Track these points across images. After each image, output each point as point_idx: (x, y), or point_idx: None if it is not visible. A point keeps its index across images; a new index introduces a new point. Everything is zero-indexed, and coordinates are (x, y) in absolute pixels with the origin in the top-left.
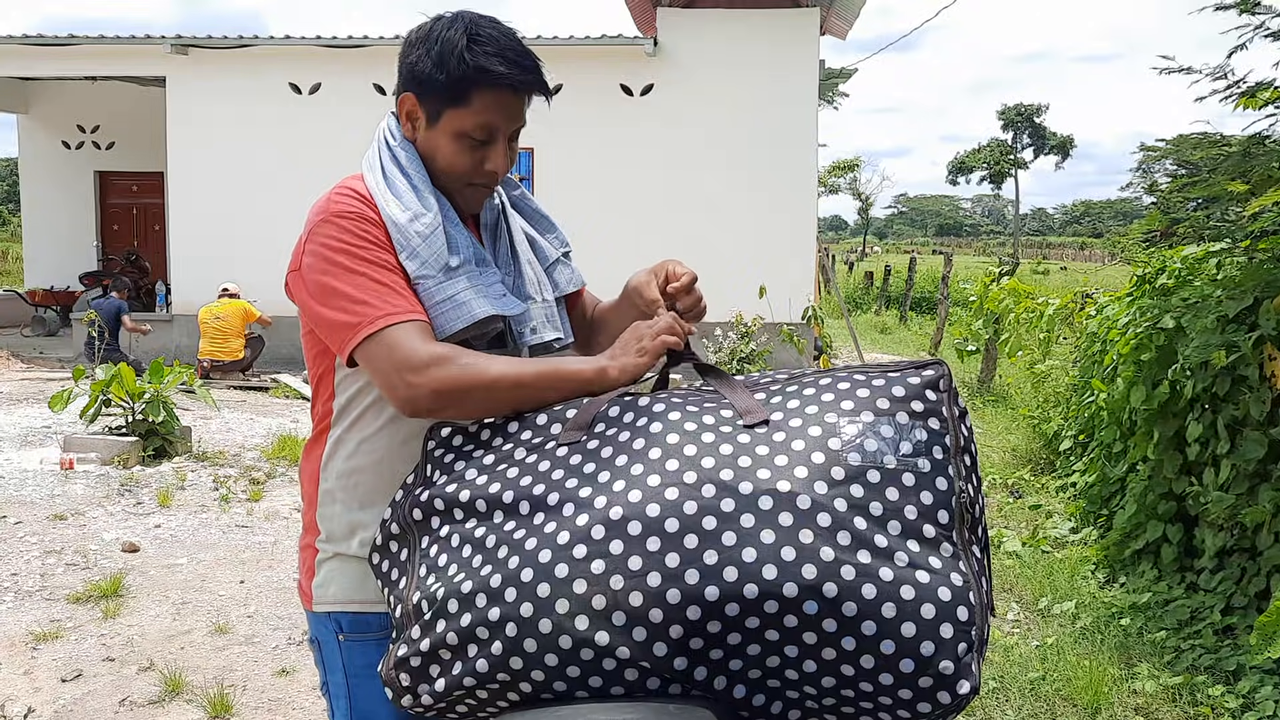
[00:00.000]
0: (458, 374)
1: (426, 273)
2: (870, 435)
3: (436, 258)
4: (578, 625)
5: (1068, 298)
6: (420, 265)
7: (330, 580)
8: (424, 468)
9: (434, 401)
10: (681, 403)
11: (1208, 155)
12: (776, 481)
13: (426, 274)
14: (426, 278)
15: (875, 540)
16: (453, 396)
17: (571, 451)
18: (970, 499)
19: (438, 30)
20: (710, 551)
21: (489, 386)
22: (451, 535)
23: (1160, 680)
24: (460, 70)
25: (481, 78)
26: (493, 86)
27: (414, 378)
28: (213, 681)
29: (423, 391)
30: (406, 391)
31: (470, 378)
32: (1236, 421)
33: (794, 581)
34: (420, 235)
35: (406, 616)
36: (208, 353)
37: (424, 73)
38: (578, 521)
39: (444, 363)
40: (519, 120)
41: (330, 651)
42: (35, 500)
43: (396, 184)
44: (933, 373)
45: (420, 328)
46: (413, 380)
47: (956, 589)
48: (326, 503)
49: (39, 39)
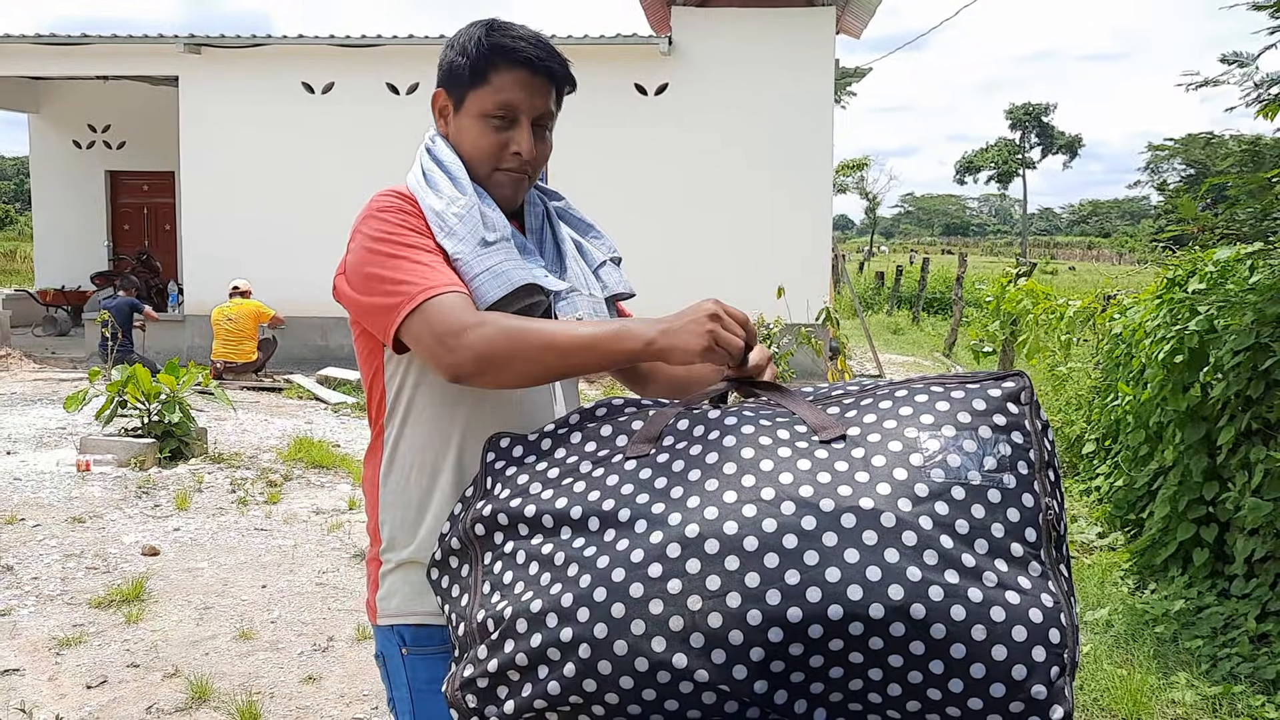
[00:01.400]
0: (497, 335)
1: (464, 249)
2: (953, 450)
3: (472, 234)
4: (654, 647)
5: (1089, 299)
6: (457, 242)
7: (393, 592)
8: (483, 479)
9: (477, 365)
10: (754, 416)
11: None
12: (859, 498)
13: (464, 249)
14: (464, 253)
15: (963, 559)
16: (495, 359)
17: (641, 465)
18: (1056, 515)
19: (462, 29)
20: (792, 571)
21: (528, 349)
22: (517, 552)
23: (1199, 689)
24: (477, 51)
25: (498, 56)
26: (509, 64)
27: (455, 342)
28: (239, 689)
29: (465, 355)
30: (450, 357)
31: (511, 339)
32: (1269, 425)
33: (880, 602)
34: (456, 216)
35: (470, 635)
36: (221, 354)
37: (449, 64)
38: (652, 539)
39: (484, 325)
40: (541, 104)
41: (395, 666)
42: (53, 503)
43: (434, 177)
44: (1014, 384)
45: (461, 298)
46: (454, 345)
47: (1048, 610)
48: (386, 508)
49: (51, 38)
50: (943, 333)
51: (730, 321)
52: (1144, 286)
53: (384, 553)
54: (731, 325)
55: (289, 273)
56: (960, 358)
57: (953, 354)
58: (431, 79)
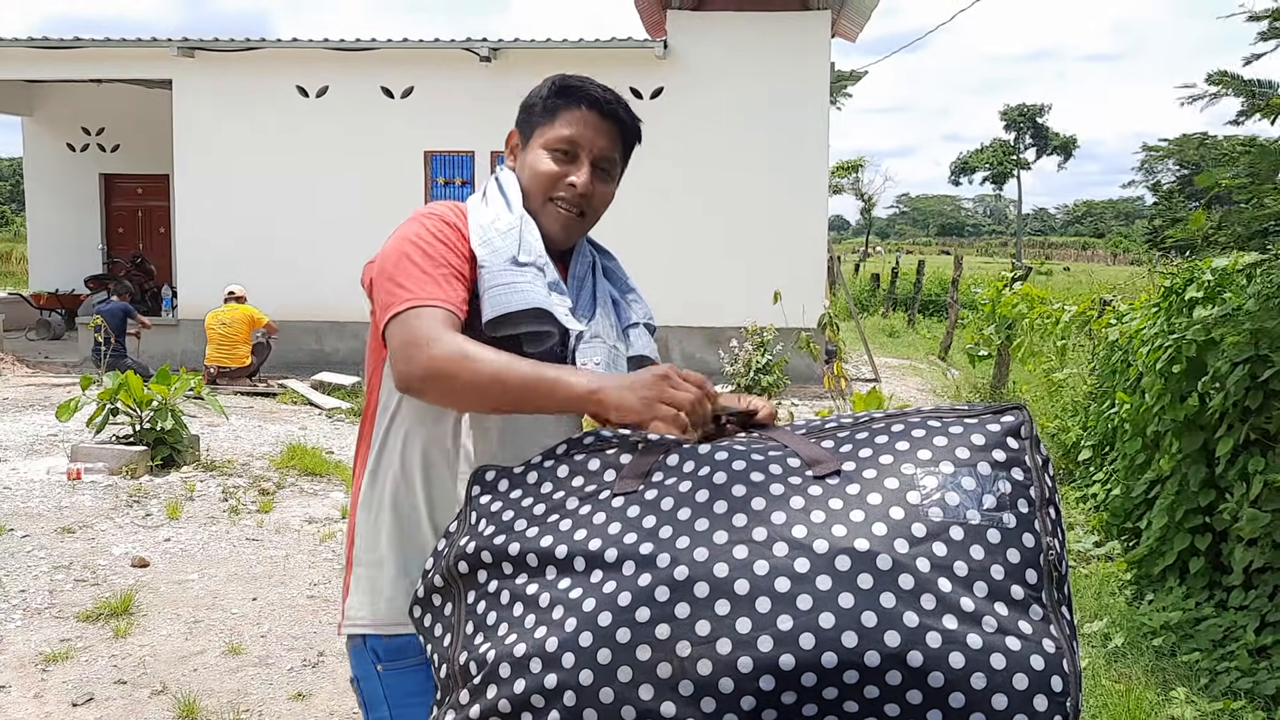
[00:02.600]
0: (453, 356)
1: (493, 259)
2: (951, 488)
3: (508, 248)
4: (641, 695)
5: (1084, 305)
6: (490, 252)
7: (363, 600)
8: (468, 514)
9: (424, 380)
10: (745, 451)
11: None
12: (854, 539)
13: (493, 260)
14: (492, 263)
15: (962, 603)
16: (440, 377)
17: (629, 502)
18: (1057, 555)
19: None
20: (785, 616)
21: (477, 377)
22: (501, 592)
23: (1198, 705)
24: (549, 92)
25: (567, 94)
26: (576, 102)
27: (413, 352)
28: (227, 706)
29: (416, 368)
30: (403, 366)
31: (463, 363)
32: (1268, 436)
33: (876, 650)
34: (498, 231)
35: (453, 678)
36: (214, 359)
37: (525, 107)
38: (640, 581)
39: (441, 342)
40: (604, 145)
41: (371, 687)
42: (42, 512)
43: (491, 197)
44: (1013, 419)
45: (443, 315)
46: (411, 354)
47: (1049, 656)
48: (365, 506)
49: (44, 41)
50: (938, 335)
51: (679, 380)
52: (1139, 289)
53: (358, 552)
54: (681, 384)
55: (283, 276)
56: (955, 361)
57: (948, 358)
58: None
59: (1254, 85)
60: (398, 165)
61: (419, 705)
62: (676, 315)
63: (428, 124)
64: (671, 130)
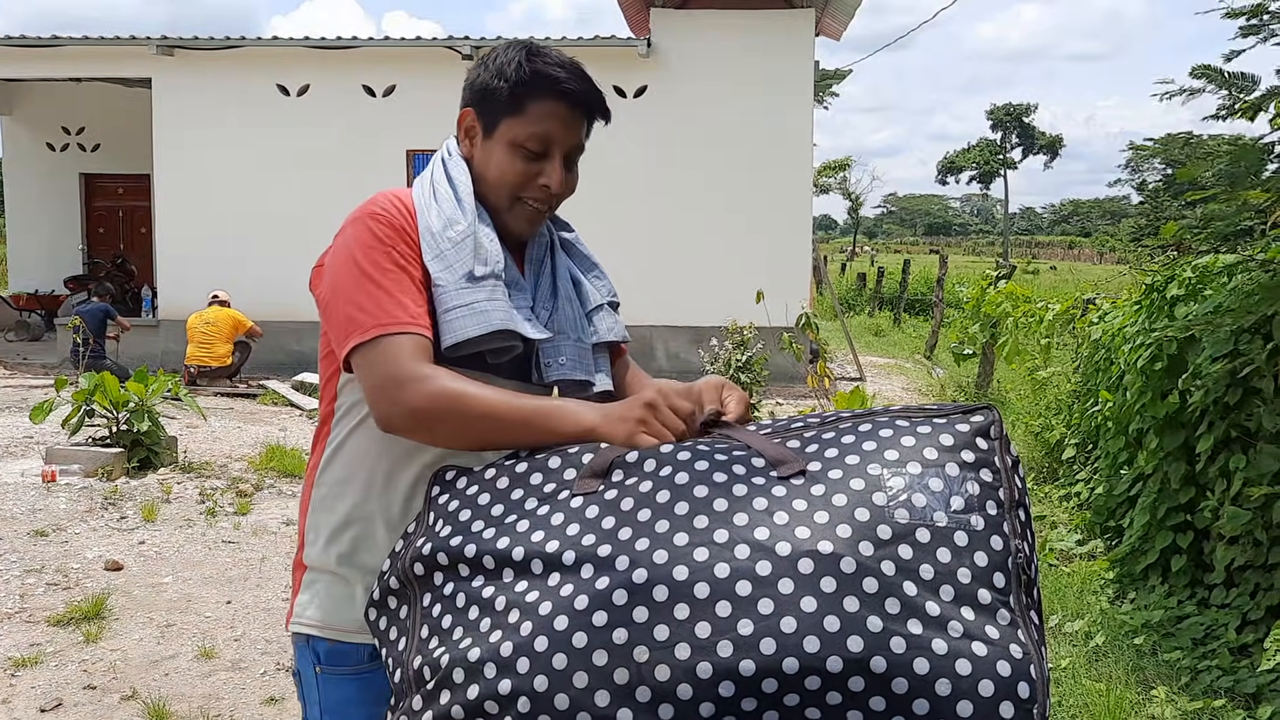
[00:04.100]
0: (439, 395)
1: (448, 277)
2: (918, 489)
3: (462, 263)
4: (597, 701)
5: (1068, 303)
6: (444, 269)
7: (311, 600)
8: (426, 515)
9: (409, 421)
10: (709, 451)
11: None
12: (817, 542)
13: (448, 279)
14: (447, 282)
15: (927, 608)
16: (428, 418)
17: (588, 502)
18: (1026, 559)
19: (499, 49)
20: (745, 621)
21: (465, 416)
22: (456, 594)
23: (1178, 704)
24: (518, 76)
25: (539, 83)
26: (550, 95)
27: (396, 393)
28: (198, 711)
29: (400, 409)
30: (385, 407)
31: (449, 403)
32: (1248, 434)
33: (839, 655)
34: (451, 241)
35: (407, 683)
36: (194, 358)
37: (483, 84)
38: (597, 584)
39: (426, 381)
40: (575, 138)
41: (309, 685)
42: (16, 515)
43: (441, 193)
44: (982, 418)
45: (415, 343)
46: (394, 395)
47: (1016, 662)
48: (316, 511)
49: (22, 40)
50: (924, 334)
51: (666, 413)
52: (1121, 288)
53: (308, 556)
54: (667, 417)
55: (264, 277)
56: (941, 360)
57: (934, 356)
58: (408, 82)
59: (1235, 80)
60: (380, 164)
61: (352, 714)
62: (659, 314)
63: (410, 123)
64: (655, 129)
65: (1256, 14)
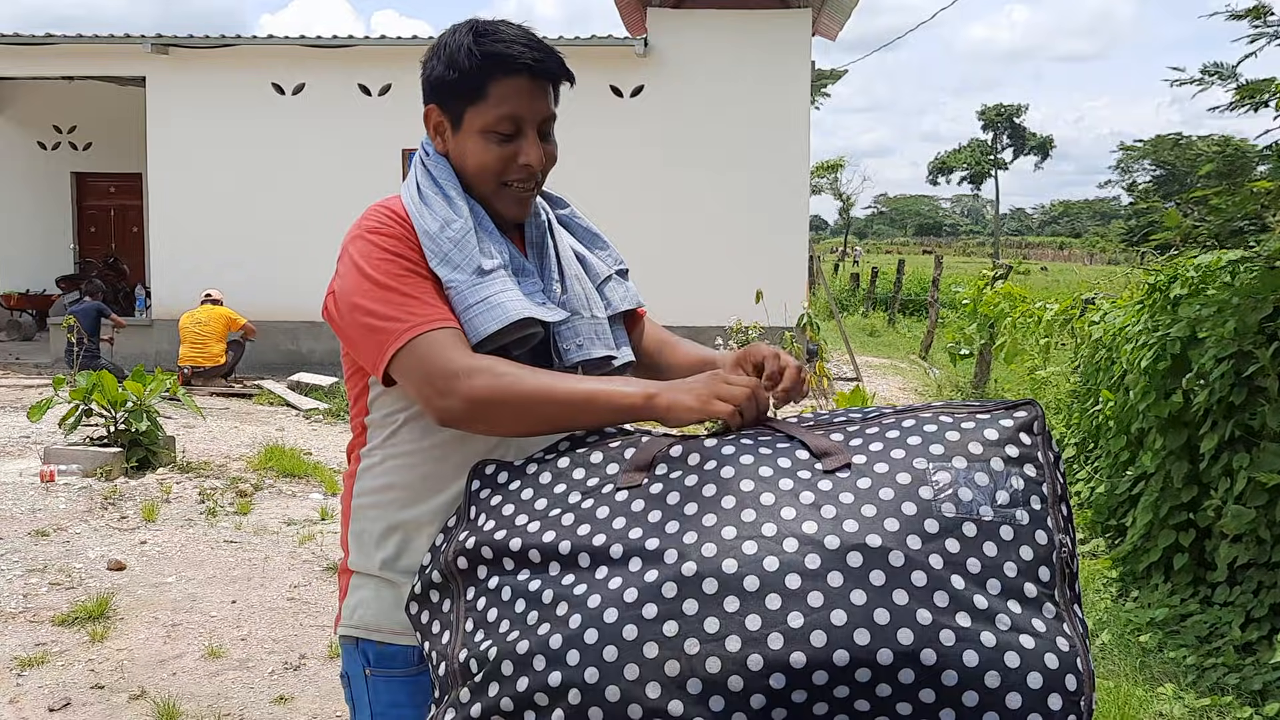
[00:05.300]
0: (492, 384)
1: (459, 277)
2: (964, 483)
3: (468, 261)
4: (649, 693)
5: (1066, 303)
6: (452, 270)
7: (360, 603)
8: (467, 509)
9: (467, 411)
10: (752, 445)
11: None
12: (866, 535)
13: (458, 278)
14: (459, 282)
15: (975, 601)
16: (487, 408)
17: (633, 496)
18: (1069, 553)
19: (446, 37)
20: (795, 613)
21: (523, 400)
22: (502, 588)
23: (1185, 701)
24: (470, 63)
25: (493, 66)
26: (506, 73)
27: (446, 385)
28: (208, 710)
29: (455, 400)
30: (441, 401)
31: (504, 389)
32: (1251, 433)
33: (889, 647)
34: (451, 240)
35: (452, 676)
36: (188, 358)
37: (439, 78)
38: (646, 577)
39: (478, 373)
40: (544, 109)
41: (358, 688)
42: (15, 515)
43: (429, 195)
44: (1025, 414)
45: (453, 335)
46: (445, 388)
47: (1063, 655)
48: (357, 519)
49: (14, 38)
50: (918, 335)
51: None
52: (1119, 288)
53: (353, 563)
54: (735, 380)
55: (259, 277)
56: (936, 360)
57: (929, 357)
58: (404, 81)
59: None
60: (375, 163)
61: (404, 716)
62: (656, 313)
63: (406, 122)
64: (652, 129)
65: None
